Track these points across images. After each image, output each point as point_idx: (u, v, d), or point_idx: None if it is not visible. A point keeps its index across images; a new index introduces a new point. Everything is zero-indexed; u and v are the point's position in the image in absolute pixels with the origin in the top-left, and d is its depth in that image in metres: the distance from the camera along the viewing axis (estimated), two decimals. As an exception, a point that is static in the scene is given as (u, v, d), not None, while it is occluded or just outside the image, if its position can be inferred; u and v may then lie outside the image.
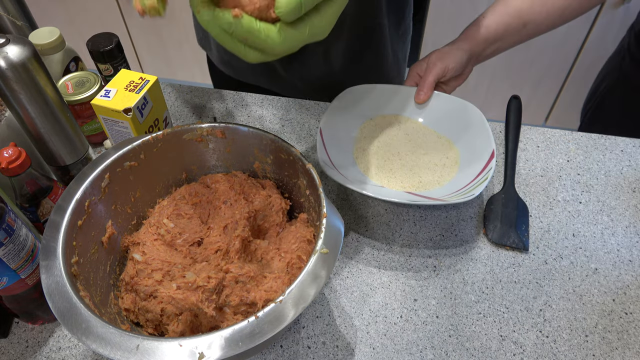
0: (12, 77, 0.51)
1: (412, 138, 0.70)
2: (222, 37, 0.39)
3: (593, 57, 1.70)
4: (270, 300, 0.44)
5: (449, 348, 0.52)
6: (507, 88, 1.86)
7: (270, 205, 0.53)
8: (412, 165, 0.66)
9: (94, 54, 0.68)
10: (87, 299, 0.41)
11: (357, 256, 0.60)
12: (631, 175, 0.68)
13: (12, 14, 0.68)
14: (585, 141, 0.73)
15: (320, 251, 0.42)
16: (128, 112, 0.56)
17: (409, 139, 0.70)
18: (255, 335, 0.37)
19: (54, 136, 0.58)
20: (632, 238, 0.61)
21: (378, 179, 0.64)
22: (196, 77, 2.14)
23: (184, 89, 0.82)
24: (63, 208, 0.45)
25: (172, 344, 0.37)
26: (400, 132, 0.70)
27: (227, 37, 0.38)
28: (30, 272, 0.48)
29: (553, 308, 0.55)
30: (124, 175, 0.52)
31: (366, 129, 0.70)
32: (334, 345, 0.53)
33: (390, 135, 0.70)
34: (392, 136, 0.70)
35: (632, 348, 0.52)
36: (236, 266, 0.46)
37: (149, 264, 0.48)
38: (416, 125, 0.71)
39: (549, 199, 0.66)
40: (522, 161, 0.70)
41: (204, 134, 0.54)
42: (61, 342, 0.53)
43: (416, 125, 0.71)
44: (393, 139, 0.69)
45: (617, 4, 1.55)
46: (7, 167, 0.49)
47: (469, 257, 0.60)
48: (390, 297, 0.56)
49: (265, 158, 0.55)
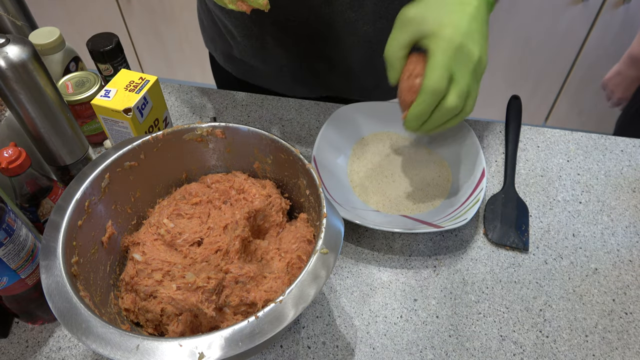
0: (12, 77, 0.51)
1: (404, 157, 0.70)
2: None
3: (593, 57, 1.70)
4: (270, 300, 0.44)
5: (449, 348, 0.52)
6: (507, 88, 1.86)
7: (270, 205, 0.53)
8: (406, 187, 0.66)
9: (94, 54, 0.68)
10: (87, 299, 0.41)
11: (357, 256, 0.60)
12: (631, 175, 0.68)
13: (12, 14, 0.68)
14: (585, 141, 0.73)
15: (320, 251, 0.42)
16: (128, 112, 0.56)
17: (401, 157, 0.70)
18: (255, 335, 0.37)
19: (54, 136, 0.58)
20: (632, 238, 0.61)
21: (373, 203, 0.64)
22: (196, 77, 2.14)
23: (184, 89, 0.82)
24: (63, 208, 0.45)
25: (172, 344, 0.37)
26: (392, 151, 0.70)
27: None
28: (30, 272, 0.48)
29: (553, 308, 0.55)
30: (124, 175, 0.52)
31: (358, 149, 0.70)
32: (334, 345, 0.53)
33: (383, 155, 0.70)
34: (384, 156, 0.70)
35: (632, 348, 0.52)
36: (236, 266, 0.46)
37: (149, 264, 0.48)
38: (407, 142, 0.71)
39: (549, 199, 0.66)
40: (522, 161, 0.70)
41: (204, 134, 0.54)
42: (61, 342, 0.53)
43: (407, 142, 0.71)
44: (385, 159, 0.70)
45: (617, 4, 1.55)
46: (7, 167, 0.49)
47: (469, 257, 0.60)
48: (390, 297, 0.56)
49: (265, 158, 0.55)
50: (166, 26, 1.96)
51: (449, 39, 0.51)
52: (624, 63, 1.07)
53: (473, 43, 0.51)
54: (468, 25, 0.52)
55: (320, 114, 0.77)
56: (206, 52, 0.95)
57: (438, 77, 0.50)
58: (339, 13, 0.69)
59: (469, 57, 0.51)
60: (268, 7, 0.47)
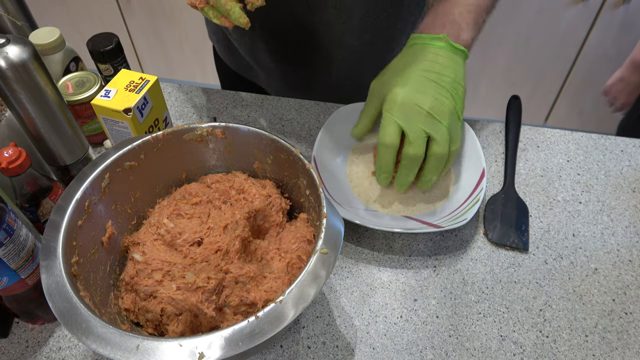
0: (12, 77, 0.51)
1: None
2: None
3: (593, 57, 1.70)
4: (270, 300, 0.44)
5: (449, 348, 0.52)
6: (507, 88, 1.86)
7: (270, 205, 0.53)
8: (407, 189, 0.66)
9: (94, 54, 0.68)
10: (87, 299, 0.41)
11: (357, 256, 0.60)
12: (631, 175, 0.68)
13: (12, 14, 0.68)
14: (585, 141, 0.73)
15: (320, 251, 0.42)
16: (128, 112, 0.56)
17: None
18: (255, 335, 0.37)
19: (54, 136, 0.58)
20: (632, 238, 0.61)
21: (373, 203, 0.64)
22: (196, 77, 2.14)
23: (184, 89, 0.82)
24: (63, 208, 0.45)
25: (172, 344, 0.37)
26: None
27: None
28: (31, 272, 0.48)
29: (553, 308, 0.55)
30: (124, 175, 0.52)
31: (358, 149, 0.70)
32: (334, 345, 0.53)
33: None
34: None
35: (632, 348, 0.52)
36: (236, 266, 0.46)
37: (149, 264, 0.48)
38: None
39: (549, 199, 0.66)
40: (522, 161, 0.70)
41: (204, 134, 0.54)
42: (61, 342, 0.53)
43: None
44: None
45: (617, 4, 1.55)
46: (7, 167, 0.49)
47: (469, 257, 0.60)
48: (390, 297, 0.56)
49: (265, 158, 0.55)
50: (166, 26, 1.96)
51: (392, 100, 0.57)
52: (626, 69, 1.06)
53: (422, 95, 0.56)
54: (417, 78, 0.57)
55: (320, 114, 0.77)
56: (206, 52, 0.95)
57: (384, 132, 0.57)
58: (324, 24, 0.70)
59: (417, 109, 0.56)
60: (249, 26, 0.49)
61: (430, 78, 0.57)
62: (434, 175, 0.59)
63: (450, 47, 0.58)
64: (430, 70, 0.57)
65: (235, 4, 0.49)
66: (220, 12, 0.50)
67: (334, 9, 0.68)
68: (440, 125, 0.56)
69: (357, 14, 0.69)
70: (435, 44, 0.58)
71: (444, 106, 0.56)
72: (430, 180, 0.60)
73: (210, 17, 0.51)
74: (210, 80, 2.12)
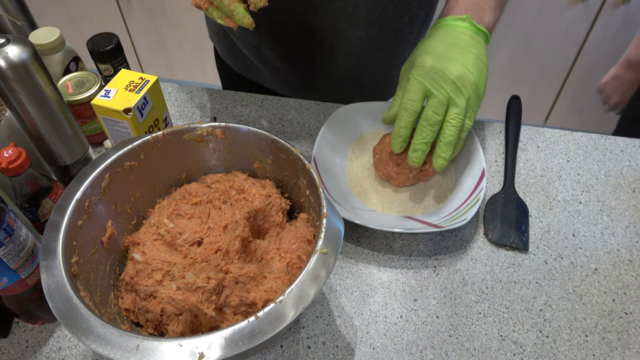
0: (12, 77, 0.51)
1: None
2: None
3: (593, 57, 1.70)
4: (270, 300, 0.44)
5: (449, 348, 0.52)
6: (507, 88, 1.86)
7: (270, 205, 0.53)
8: (406, 187, 0.66)
9: (94, 54, 0.68)
10: (87, 299, 0.41)
11: (357, 256, 0.60)
12: (631, 175, 0.68)
13: (12, 14, 0.68)
14: (585, 141, 0.73)
15: (320, 251, 0.42)
16: (128, 112, 0.56)
17: None
18: (255, 335, 0.37)
19: (54, 136, 0.58)
20: (632, 238, 0.61)
21: (373, 204, 0.64)
22: (196, 77, 2.14)
23: (184, 89, 0.82)
24: (63, 208, 0.45)
25: (172, 344, 0.37)
26: None
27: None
28: (30, 272, 0.48)
29: (553, 308, 0.55)
30: (124, 175, 0.52)
31: (357, 149, 0.70)
32: (334, 345, 0.53)
33: None
34: None
35: (632, 348, 0.52)
36: (236, 266, 0.46)
37: (149, 264, 0.48)
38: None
39: (549, 199, 0.66)
40: (522, 161, 0.70)
41: (204, 134, 0.54)
42: (61, 342, 0.53)
43: None
44: None
45: (617, 4, 1.55)
46: (7, 167, 0.49)
47: (469, 257, 0.60)
48: (390, 297, 0.56)
49: (265, 158, 0.55)
50: (166, 26, 1.96)
51: (421, 64, 0.57)
52: (620, 67, 1.07)
53: (450, 62, 0.56)
54: (446, 50, 0.57)
55: (320, 114, 0.77)
56: (206, 52, 0.95)
57: (408, 96, 0.57)
58: (329, 19, 0.70)
59: (444, 74, 0.56)
60: (253, 26, 0.50)
61: (457, 52, 0.57)
62: (447, 147, 0.57)
63: (473, 28, 0.59)
64: (456, 44, 0.58)
65: (239, 5, 0.49)
66: (224, 13, 0.50)
67: (341, 1, 0.68)
68: (462, 96, 0.56)
69: (364, 5, 0.69)
70: (459, 24, 0.59)
71: (468, 79, 0.56)
72: (444, 152, 0.57)
73: (215, 17, 0.51)
74: (210, 80, 2.12)
